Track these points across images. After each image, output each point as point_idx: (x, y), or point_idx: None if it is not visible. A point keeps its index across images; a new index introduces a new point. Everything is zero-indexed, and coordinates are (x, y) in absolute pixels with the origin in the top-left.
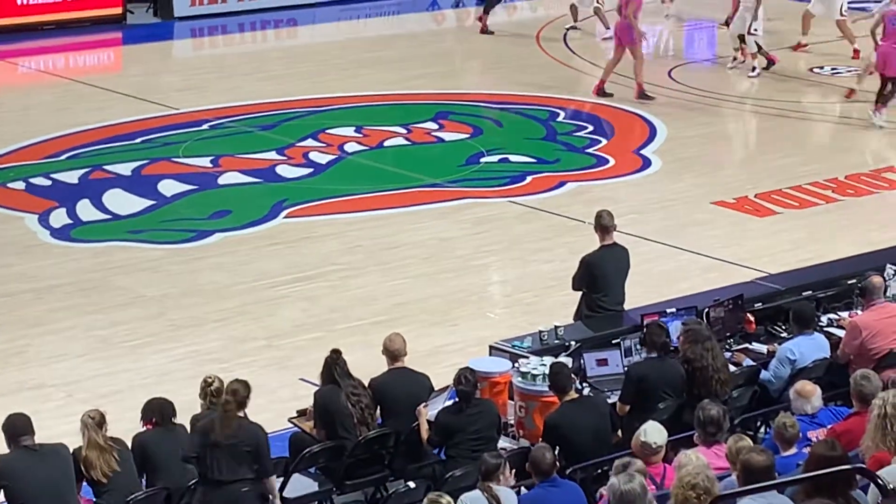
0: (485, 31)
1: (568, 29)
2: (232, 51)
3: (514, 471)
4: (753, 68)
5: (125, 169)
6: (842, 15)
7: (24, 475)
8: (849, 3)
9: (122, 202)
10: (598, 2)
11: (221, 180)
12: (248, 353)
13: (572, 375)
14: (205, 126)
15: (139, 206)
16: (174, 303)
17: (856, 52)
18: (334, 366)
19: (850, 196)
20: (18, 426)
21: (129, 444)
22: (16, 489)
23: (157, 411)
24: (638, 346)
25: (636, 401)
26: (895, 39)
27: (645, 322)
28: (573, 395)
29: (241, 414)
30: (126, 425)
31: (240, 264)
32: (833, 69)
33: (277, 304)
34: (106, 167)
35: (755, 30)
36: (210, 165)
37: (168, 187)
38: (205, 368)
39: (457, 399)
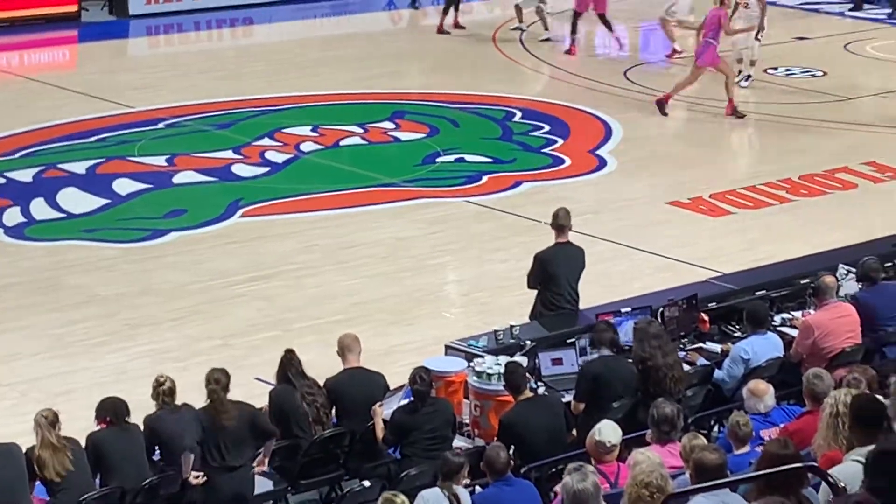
0: (441, 31)
1: (513, 30)
2: (187, 49)
3: (469, 469)
4: (748, 77)
5: (80, 167)
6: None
7: None
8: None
9: (76, 201)
10: (541, 2)
11: (177, 179)
12: (204, 352)
13: (527, 374)
14: (160, 125)
15: (94, 204)
16: (130, 302)
17: (674, 50)
18: (289, 365)
19: (803, 196)
20: None
21: (84, 444)
22: None
23: (111, 410)
24: (590, 348)
25: (591, 399)
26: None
27: (595, 322)
28: (528, 394)
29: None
30: (81, 424)
31: (195, 263)
32: (787, 70)
33: (233, 304)
34: (60, 165)
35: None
36: (165, 164)
37: (123, 186)
38: (161, 367)
39: (412, 398)
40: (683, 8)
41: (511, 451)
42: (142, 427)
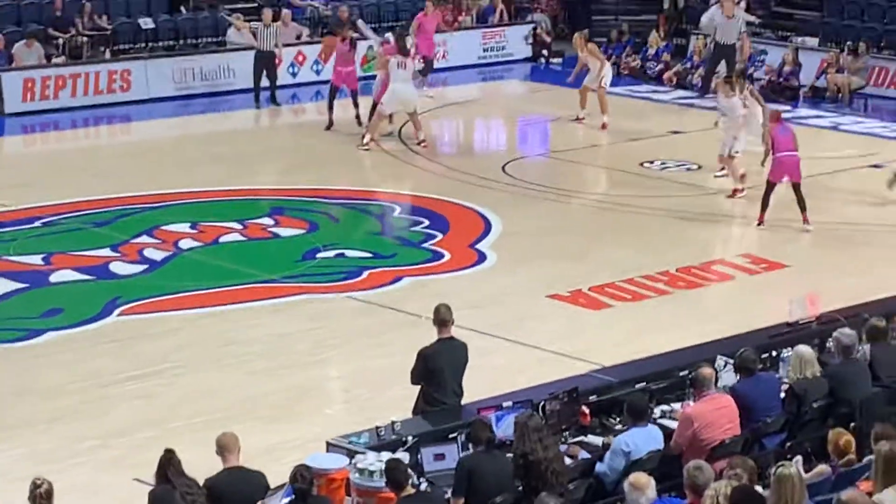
0: (330, 127)
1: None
2: (65, 147)
3: None
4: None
5: None
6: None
7: None
8: None
9: None
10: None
11: (53, 278)
12: (83, 452)
13: (409, 471)
14: (37, 223)
15: None
16: (5, 403)
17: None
18: (168, 465)
19: (681, 288)
20: None
21: None
22: None
23: None
24: (466, 443)
25: (469, 494)
26: None
27: (470, 419)
28: (410, 490)
29: None
30: None
31: (73, 363)
32: (662, 164)
33: (112, 403)
34: None
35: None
36: (42, 263)
37: None
38: (38, 469)
39: (293, 497)
40: None
41: None
42: None
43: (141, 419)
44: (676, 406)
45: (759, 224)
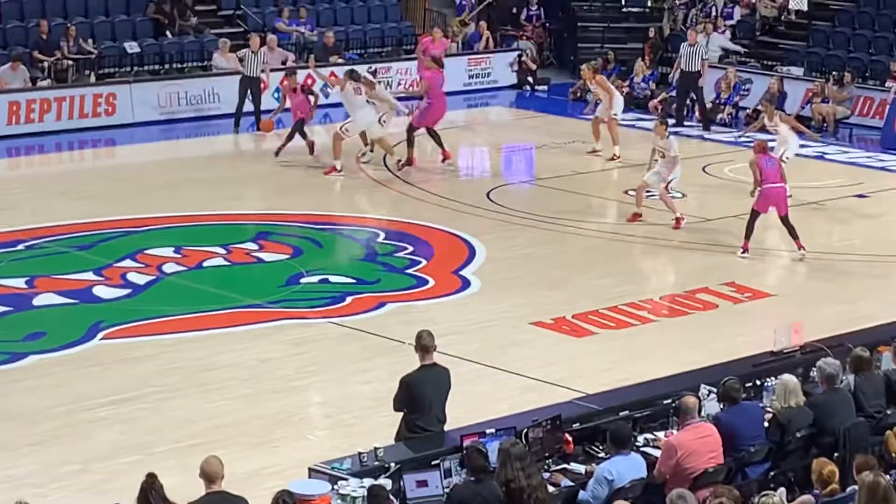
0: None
1: (361, 154)
2: (48, 170)
3: None
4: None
5: None
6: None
7: None
8: None
9: None
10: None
11: (36, 301)
12: (64, 477)
13: (391, 497)
14: (20, 246)
15: None
16: None
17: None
18: (150, 490)
19: (664, 317)
20: None
21: None
22: None
23: None
24: (458, 468)
25: None
26: None
27: (465, 444)
28: None
29: None
30: None
31: (55, 387)
32: (647, 192)
33: (93, 428)
34: None
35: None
36: (25, 286)
37: None
38: (19, 493)
39: None
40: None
41: None
42: None
43: (123, 444)
44: (660, 434)
45: (743, 252)
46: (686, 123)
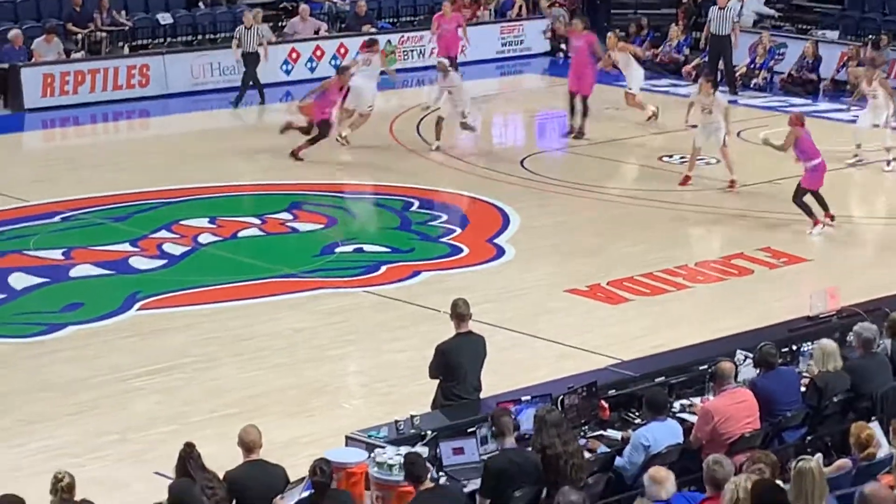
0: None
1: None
2: (84, 142)
3: None
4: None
5: None
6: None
7: None
8: None
9: None
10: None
11: (73, 272)
12: (102, 447)
13: (428, 465)
14: (56, 218)
15: None
16: (25, 397)
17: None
18: (188, 459)
19: (700, 283)
20: None
21: None
22: None
23: None
24: (492, 437)
25: (495, 494)
26: None
27: (491, 412)
28: (429, 484)
29: None
30: None
31: (93, 357)
32: (682, 157)
33: (131, 397)
34: None
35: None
36: (62, 258)
37: (18, 281)
38: (57, 463)
39: (312, 491)
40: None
41: None
42: None
43: (160, 413)
44: (696, 400)
45: (830, 220)
46: (721, 89)
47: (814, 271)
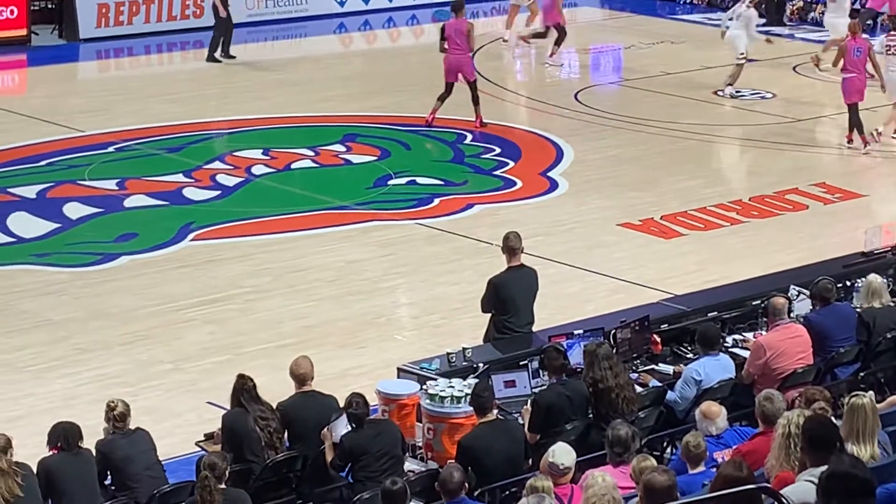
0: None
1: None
2: (138, 73)
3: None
4: None
5: (30, 192)
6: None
7: None
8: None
9: (26, 225)
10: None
11: (127, 203)
12: (155, 376)
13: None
14: (110, 149)
15: (44, 229)
16: (80, 326)
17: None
18: (242, 390)
19: (754, 218)
20: None
21: (35, 469)
22: None
23: (63, 436)
24: (542, 371)
25: (545, 428)
26: None
27: (543, 346)
28: (491, 417)
29: (222, 486)
30: (32, 450)
31: (146, 287)
32: (736, 92)
33: (184, 328)
34: (10, 190)
35: None
36: (116, 188)
37: (73, 210)
38: (111, 392)
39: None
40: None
41: (468, 473)
42: (94, 452)
43: (212, 344)
44: (748, 335)
45: (846, 142)
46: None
47: (868, 207)
